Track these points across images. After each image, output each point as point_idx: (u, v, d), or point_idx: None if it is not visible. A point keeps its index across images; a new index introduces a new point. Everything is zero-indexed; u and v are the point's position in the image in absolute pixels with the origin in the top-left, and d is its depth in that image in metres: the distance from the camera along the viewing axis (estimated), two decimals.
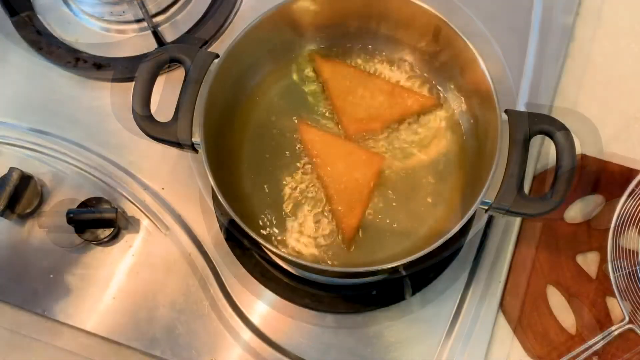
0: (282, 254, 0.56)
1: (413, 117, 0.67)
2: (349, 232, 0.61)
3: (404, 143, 0.66)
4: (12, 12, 0.81)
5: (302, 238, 0.63)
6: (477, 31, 0.60)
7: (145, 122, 0.58)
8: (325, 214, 0.63)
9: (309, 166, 0.65)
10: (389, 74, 0.69)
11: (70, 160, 0.74)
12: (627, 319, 0.65)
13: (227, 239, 0.70)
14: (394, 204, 0.64)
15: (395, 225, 0.63)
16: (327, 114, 0.67)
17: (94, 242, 0.70)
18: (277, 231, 0.63)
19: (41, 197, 0.72)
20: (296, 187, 0.65)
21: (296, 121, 0.66)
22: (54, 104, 0.78)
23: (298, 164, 0.65)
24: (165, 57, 0.60)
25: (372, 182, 0.63)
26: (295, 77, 0.69)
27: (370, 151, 0.65)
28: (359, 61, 0.70)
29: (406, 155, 0.66)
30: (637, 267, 0.66)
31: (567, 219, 0.72)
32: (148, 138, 0.59)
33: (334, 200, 0.62)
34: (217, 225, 0.71)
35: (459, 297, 0.69)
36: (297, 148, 0.66)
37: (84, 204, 0.70)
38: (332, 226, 0.63)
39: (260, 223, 0.63)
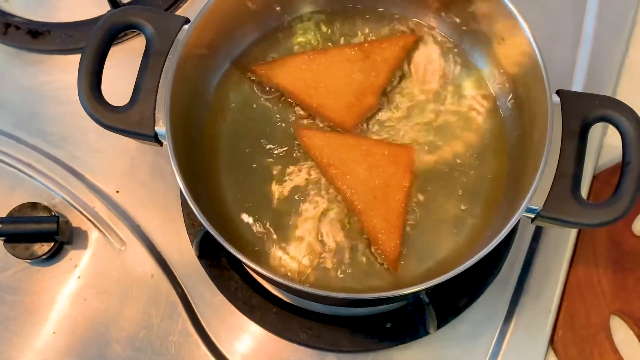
0: (275, 278, 0.55)
1: (431, 98, 0.68)
2: (393, 250, 0.61)
3: (427, 132, 0.67)
4: None
5: (300, 256, 0.63)
6: None
7: (95, 106, 0.58)
8: (337, 224, 0.64)
9: (310, 162, 0.65)
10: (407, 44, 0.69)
11: None
12: None
13: (200, 257, 0.70)
14: (415, 212, 0.64)
15: (417, 238, 0.63)
16: None
17: (29, 261, 0.70)
18: (265, 246, 0.63)
19: None
20: (292, 188, 0.65)
21: (291, 121, 0.67)
22: None
23: (295, 157, 0.65)
24: (120, 23, 0.60)
25: (406, 182, 0.63)
26: (284, 48, 0.70)
27: (392, 144, 0.66)
28: (374, 32, 0.70)
29: (431, 147, 0.66)
30: None
31: (637, 232, 0.72)
32: (99, 126, 0.59)
33: (367, 216, 0.62)
34: (188, 238, 0.71)
35: (498, 331, 0.69)
36: (290, 133, 0.66)
37: (15, 212, 0.70)
38: (347, 242, 0.63)
39: (244, 236, 0.63)
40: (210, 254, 0.70)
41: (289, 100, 0.67)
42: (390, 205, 0.62)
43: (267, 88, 0.68)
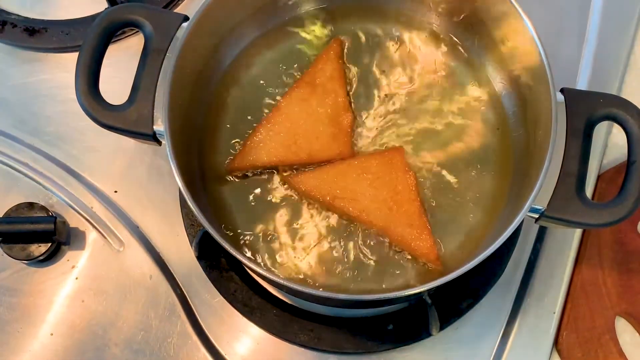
0: (276, 279, 0.56)
1: (434, 94, 0.68)
2: (430, 250, 0.61)
3: (429, 132, 0.67)
4: None
5: (301, 257, 0.63)
6: None
7: (93, 104, 0.58)
8: (341, 224, 0.64)
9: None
10: (408, 42, 0.70)
11: None
12: None
13: (199, 258, 0.70)
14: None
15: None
16: None
17: (26, 262, 0.70)
18: (265, 247, 0.63)
19: None
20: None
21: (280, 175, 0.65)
22: None
23: None
24: (118, 20, 0.60)
25: (410, 180, 0.63)
26: (286, 46, 0.70)
27: (380, 152, 0.65)
28: (376, 30, 0.70)
29: (433, 147, 0.66)
30: None
31: None
32: (96, 126, 0.59)
33: (391, 230, 0.62)
34: (187, 239, 0.71)
35: (501, 332, 0.69)
36: None
37: (12, 212, 0.70)
38: (349, 241, 0.63)
39: (245, 237, 0.63)
40: (209, 254, 0.70)
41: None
42: (408, 209, 0.62)
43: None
